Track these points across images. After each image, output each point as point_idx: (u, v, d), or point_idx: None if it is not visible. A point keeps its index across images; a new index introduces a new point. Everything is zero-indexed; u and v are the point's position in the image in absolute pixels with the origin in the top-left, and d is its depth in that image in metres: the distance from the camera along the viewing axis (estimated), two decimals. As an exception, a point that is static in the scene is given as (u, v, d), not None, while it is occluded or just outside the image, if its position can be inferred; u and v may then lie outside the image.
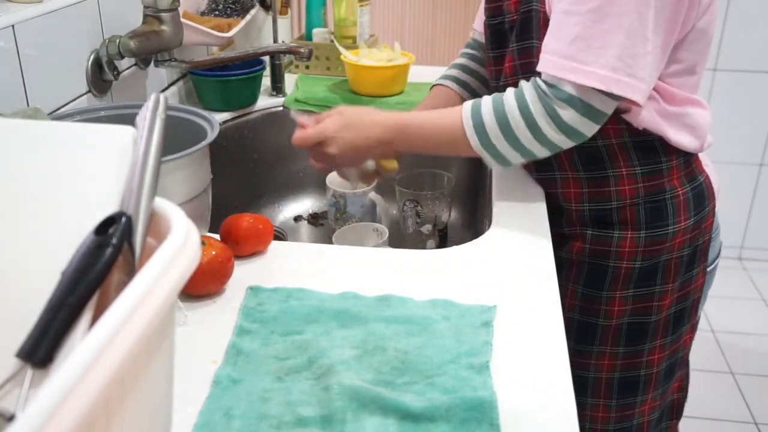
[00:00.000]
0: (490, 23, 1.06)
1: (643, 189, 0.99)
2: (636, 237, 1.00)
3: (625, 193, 0.99)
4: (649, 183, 0.99)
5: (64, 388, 0.32)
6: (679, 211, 0.99)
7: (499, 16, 1.04)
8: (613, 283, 1.02)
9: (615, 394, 1.07)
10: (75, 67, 1.10)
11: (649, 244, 1.00)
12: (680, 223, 1.00)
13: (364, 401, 0.64)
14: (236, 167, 1.44)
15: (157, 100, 0.52)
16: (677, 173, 1.00)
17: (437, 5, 2.44)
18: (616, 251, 1.01)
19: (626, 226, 1.00)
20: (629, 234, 1.00)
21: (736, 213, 2.82)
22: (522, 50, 1.00)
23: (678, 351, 1.09)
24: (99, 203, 0.49)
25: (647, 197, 0.99)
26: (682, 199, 1.00)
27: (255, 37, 1.64)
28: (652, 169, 0.98)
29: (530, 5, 0.98)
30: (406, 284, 0.84)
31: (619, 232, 1.00)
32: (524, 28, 0.99)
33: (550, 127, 0.90)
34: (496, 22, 1.05)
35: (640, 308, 1.03)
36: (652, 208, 0.99)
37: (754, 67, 2.61)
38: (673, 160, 0.99)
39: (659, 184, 0.99)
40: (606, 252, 1.01)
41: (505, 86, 1.01)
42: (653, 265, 1.01)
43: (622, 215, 1.00)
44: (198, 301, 0.81)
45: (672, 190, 0.99)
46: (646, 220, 0.99)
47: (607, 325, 1.04)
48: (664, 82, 0.95)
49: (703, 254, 1.05)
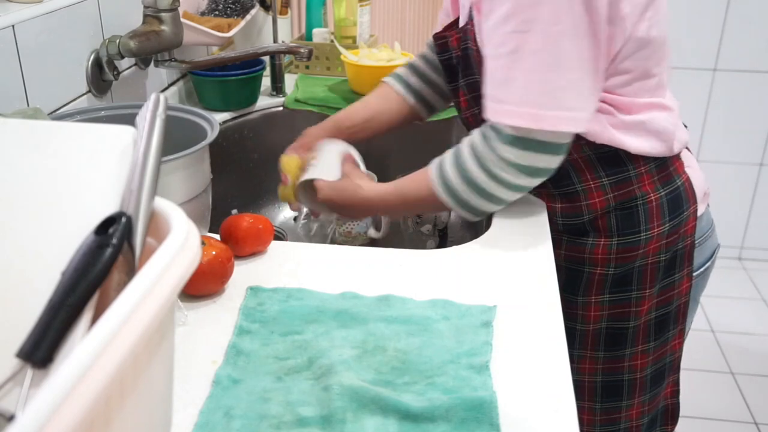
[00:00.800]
0: (441, 59, 1.09)
1: (613, 198, 0.98)
2: (608, 244, 0.99)
3: (596, 205, 0.99)
4: (619, 192, 0.98)
5: (64, 388, 0.32)
6: (651, 217, 0.98)
7: (446, 52, 1.07)
8: (588, 288, 1.02)
9: (599, 397, 1.07)
10: (75, 67, 1.10)
11: (621, 251, 0.99)
12: (653, 229, 0.99)
13: (364, 401, 0.64)
14: (236, 167, 1.44)
15: (157, 100, 0.52)
16: (648, 179, 0.98)
17: (437, 5, 2.44)
18: (590, 258, 1.01)
19: (599, 233, 1.00)
20: (602, 241, 1.00)
21: (736, 213, 2.82)
22: (469, 85, 1.03)
23: (665, 356, 1.08)
24: (99, 203, 0.49)
25: (618, 205, 0.98)
26: (654, 205, 0.99)
27: (255, 37, 1.64)
28: (620, 178, 0.98)
29: (466, 43, 1.00)
30: (406, 284, 0.84)
31: (593, 239, 1.00)
32: (466, 63, 1.02)
33: (507, 173, 0.91)
34: (445, 57, 1.08)
35: (617, 313, 1.02)
36: (623, 215, 0.98)
37: (754, 67, 2.61)
38: (641, 166, 0.98)
39: (629, 191, 0.98)
40: (580, 258, 1.01)
41: (465, 119, 1.06)
42: (627, 271, 1.00)
43: (594, 224, 1.00)
44: (198, 301, 0.81)
45: (644, 196, 0.98)
46: (617, 228, 0.99)
47: (585, 330, 1.04)
48: (615, 93, 0.94)
49: (685, 258, 1.03)
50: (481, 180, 0.92)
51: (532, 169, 0.91)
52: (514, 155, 0.90)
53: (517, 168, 0.90)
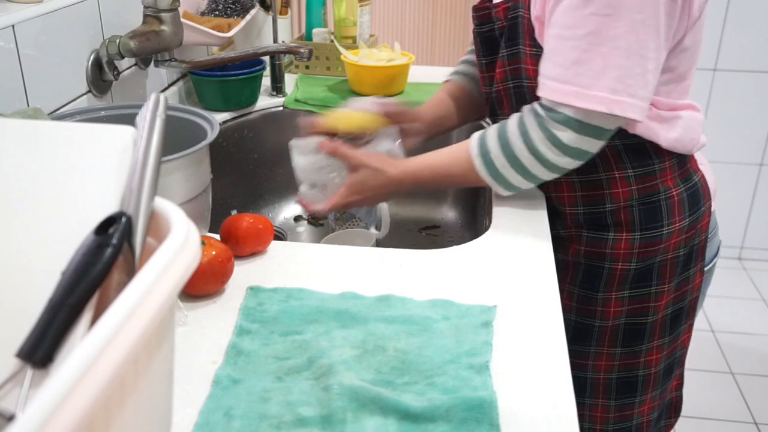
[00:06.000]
0: (480, 31, 1.08)
1: (636, 191, 0.99)
2: (630, 238, 1.00)
3: (619, 195, 0.99)
4: (643, 185, 0.99)
5: (64, 388, 0.32)
6: (673, 212, 1.00)
7: (488, 23, 1.06)
8: (608, 284, 1.02)
9: (613, 395, 1.07)
10: (75, 67, 1.10)
11: (644, 246, 1.00)
12: (675, 223, 1.00)
13: (364, 401, 0.64)
14: (236, 167, 1.44)
15: (157, 100, 0.52)
16: (671, 174, 1.00)
17: (437, 5, 2.44)
18: (611, 253, 1.01)
19: (621, 227, 1.00)
20: (624, 236, 1.00)
21: (736, 213, 2.82)
22: (511, 56, 1.02)
23: (676, 351, 1.09)
24: (99, 203, 0.49)
25: (641, 199, 0.99)
26: (676, 200, 1.00)
27: (255, 37, 1.64)
28: (645, 171, 0.99)
29: (516, 12, 1.00)
30: (406, 284, 0.84)
31: (614, 234, 1.01)
32: (512, 34, 1.01)
33: (552, 152, 0.92)
34: (485, 29, 1.07)
35: (637, 309, 1.03)
36: (646, 209, 0.99)
37: (754, 67, 2.61)
38: (665, 161, 0.99)
39: (653, 185, 0.99)
40: (601, 254, 1.02)
41: (497, 92, 1.05)
42: (648, 266, 1.01)
43: (616, 217, 1.00)
44: (198, 301, 0.81)
45: (666, 190, 0.99)
46: (641, 222, 0.99)
47: (603, 326, 1.04)
48: (658, 89, 0.95)
49: (699, 254, 1.05)
50: (523, 156, 0.94)
51: (576, 151, 0.92)
52: (567, 137, 0.91)
53: (562, 149, 0.92)
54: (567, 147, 0.92)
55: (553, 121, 0.91)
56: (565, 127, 0.90)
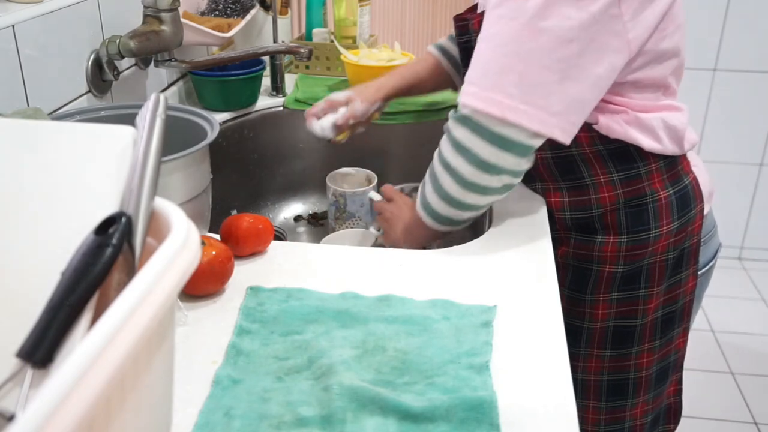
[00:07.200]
0: (459, 41, 1.08)
1: (622, 195, 0.98)
2: (617, 241, 0.99)
3: (605, 200, 0.99)
4: (629, 188, 0.98)
5: (64, 388, 0.32)
6: (661, 215, 0.99)
7: (465, 34, 1.06)
8: (596, 286, 1.02)
9: (604, 396, 1.07)
10: (75, 67, 1.10)
11: (631, 249, 0.99)
12: (663, 226, 0.99)
13: (364, 401, 0.64)
14: (236, 167, 1.44)
15: (157, 100, 0.52)
16: (658, 177, 0.99)
17: (437, 5, 2.44)
18: (599, 255, 1.01)
19: (608, 230, 1.00)
20: (611, 239, 1.00)
21: (736, 213, 2.82)
22: None
23: (669, 354, 1.08)
24: (99, 203, 0.49)
25: (627, 202, 0.98)
26: (664, 203, 0.99)
27: (255, 37, 1.64)
28: (630, 174, 0.98)
29: None
30: (406, 284, 0.84)
31: (602, 237, 1.00)
32: None
33: (455, 158, 0.90)
34: (464, 40, 1.07)
35: (625, 311, 1.02)
36: (633, 212, 0.99)
37: (754, 67, 2.61)
38: (651, 164, 0.98)
39: (639, 188, 0.98)
40: (589, 256, 1.01)
41: None
42: (636, 269, 1.01)
43: (603, 221, 1.00)
44: (198, 301, 0.81)
45: (653, 193, 0.98)
46: (627, 225, 0.99)
47: (592, 328, 1.04)
48: (626, 97, 0.94)
49: (692, 257, 1.04)
50: (440, 175, 0.93)
51: (478, 159, 0.88)
52: (461, 134, 0.88)
53: (462, 153, 0.89)
54: (466, 150, 0.88)
55: (452, 120, 0.90)
56: (461, 126, 0.88)
